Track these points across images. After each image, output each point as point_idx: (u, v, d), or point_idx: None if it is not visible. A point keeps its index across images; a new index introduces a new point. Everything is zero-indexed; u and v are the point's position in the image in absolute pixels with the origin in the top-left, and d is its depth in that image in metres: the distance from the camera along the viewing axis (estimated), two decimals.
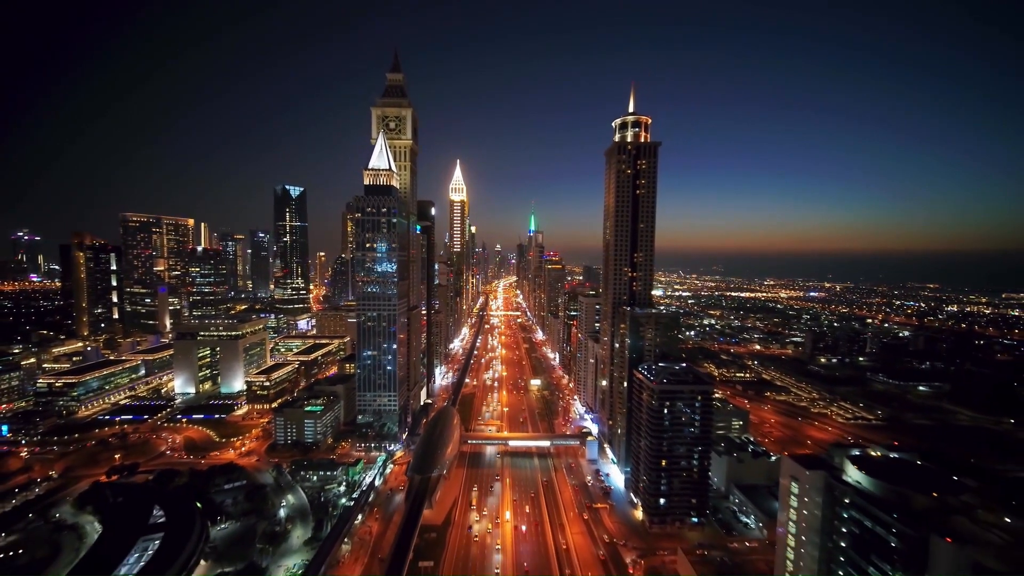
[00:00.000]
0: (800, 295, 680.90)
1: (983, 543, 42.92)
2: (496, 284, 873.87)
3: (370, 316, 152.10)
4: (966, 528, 44.70)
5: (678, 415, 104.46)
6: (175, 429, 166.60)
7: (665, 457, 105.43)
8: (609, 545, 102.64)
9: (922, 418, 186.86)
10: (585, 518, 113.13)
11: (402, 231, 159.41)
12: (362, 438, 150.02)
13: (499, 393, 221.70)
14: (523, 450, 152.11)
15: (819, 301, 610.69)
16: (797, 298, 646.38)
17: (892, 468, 53.39)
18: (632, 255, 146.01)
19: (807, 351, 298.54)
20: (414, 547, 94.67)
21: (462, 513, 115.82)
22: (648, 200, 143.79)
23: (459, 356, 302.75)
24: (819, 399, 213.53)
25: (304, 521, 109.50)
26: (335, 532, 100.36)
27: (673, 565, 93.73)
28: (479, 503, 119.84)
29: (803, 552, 55.69)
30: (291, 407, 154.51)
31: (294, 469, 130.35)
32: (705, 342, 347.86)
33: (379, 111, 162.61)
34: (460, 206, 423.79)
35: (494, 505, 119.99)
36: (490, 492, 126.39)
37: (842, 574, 50.46)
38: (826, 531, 52.59)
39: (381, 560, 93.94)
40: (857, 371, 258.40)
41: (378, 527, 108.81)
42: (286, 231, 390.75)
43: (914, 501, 47.60)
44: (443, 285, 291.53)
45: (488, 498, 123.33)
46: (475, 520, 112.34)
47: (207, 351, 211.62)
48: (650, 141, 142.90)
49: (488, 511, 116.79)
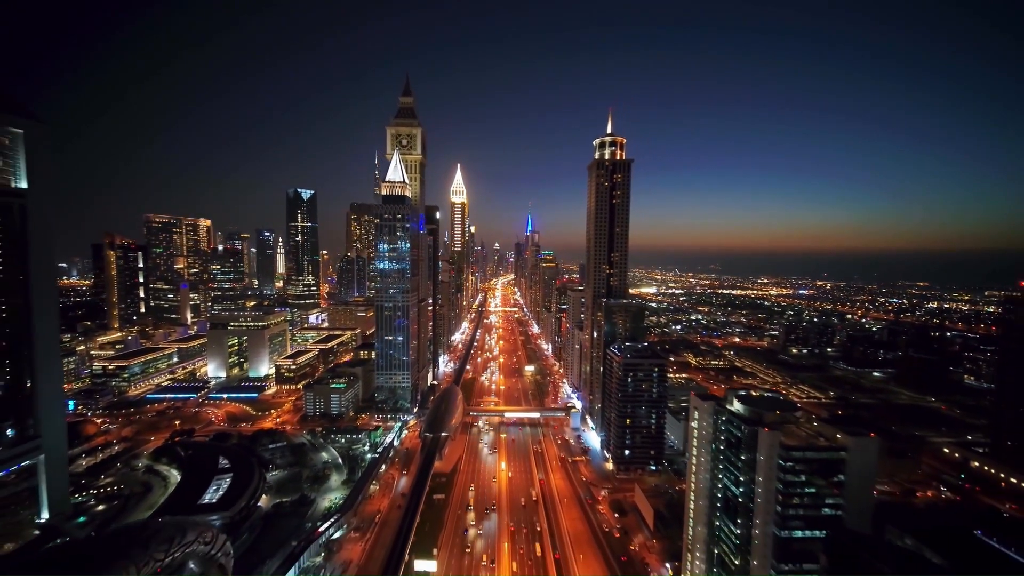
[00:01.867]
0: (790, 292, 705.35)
1: (789, 433, 68.65)
2: (494, 282, 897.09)
3: (387, 306, 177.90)
4: (790, 429, 70.50)
5: (639, 382, 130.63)
6: (216, 405, 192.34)
7: (629, 416, 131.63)
8: (584, 485, 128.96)
9: (866, 398, 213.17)
10: (566, 468, 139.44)
11: (413, 234, 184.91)
12: (379, 410, 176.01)
13: (497, 377, 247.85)
14: (517, 421, 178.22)
15: (806, 298, 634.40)
16: (786, 295, 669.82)
17: (758, 400, 78.98)
18: (610, 254, 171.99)
19: (780, 343, 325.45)
20: (428, 486, 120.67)
21: (466, 464, 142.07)
22: (623, 208, 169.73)
23: (460, 348, 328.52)
24: (781, 383, 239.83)
25: (339, 470, 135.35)
26: (365, 476, 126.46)
27: (632, 498, 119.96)
28: (480, 457, 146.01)
29: (701, 454, 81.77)
30: (319, 385, 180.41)
31: (324, 433, 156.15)
32: (689, 335, 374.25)
33: (393, 130, 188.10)
34: (460, 208, 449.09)
35: (492, 460, 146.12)
36: (489, 452, 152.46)
37: (720, 463, 76.61)
38: (713, 439, 78.59)
39: (404, 495, 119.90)
40: (822, 360, 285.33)
41: (398, 475, 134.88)
42: (297, 231, 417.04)
43: (764, 417, 73.30)
44: (445, 282, 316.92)
45: (487, 455, 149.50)
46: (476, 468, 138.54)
47: (236, 340, 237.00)
48: (624, 159, 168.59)
49: (487, 463, 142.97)
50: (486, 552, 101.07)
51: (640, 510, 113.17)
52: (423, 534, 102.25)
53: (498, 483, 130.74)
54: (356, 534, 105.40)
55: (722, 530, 76.23)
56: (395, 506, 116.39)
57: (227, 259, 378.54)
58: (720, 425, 76.90)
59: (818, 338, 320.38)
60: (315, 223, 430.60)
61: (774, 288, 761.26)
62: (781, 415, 73.82)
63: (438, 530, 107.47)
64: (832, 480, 65.40)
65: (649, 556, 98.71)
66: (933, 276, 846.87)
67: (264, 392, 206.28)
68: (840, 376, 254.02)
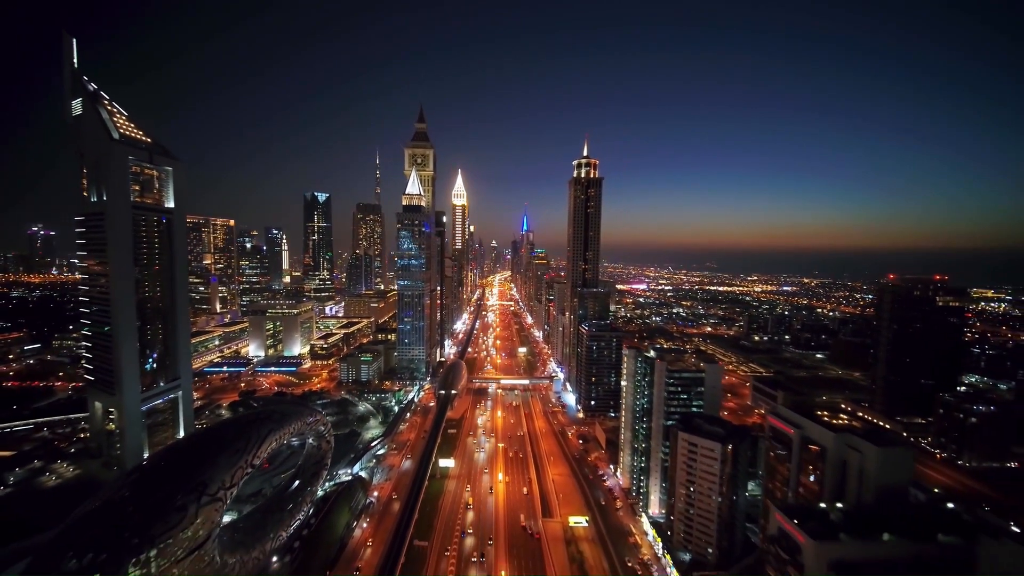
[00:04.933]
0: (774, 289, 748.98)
1: (674, 363, 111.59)
2: (492, 279, 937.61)
3: (407, 294, 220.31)
4: (674, 360, 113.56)
5: (601, 350, 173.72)
6: (264, 377, 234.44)
7: (594, 375, 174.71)
8: (560, 426, 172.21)
9: (800, 372, 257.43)
10: (547, 416, 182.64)
11: (427, 236, 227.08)
12: (400, 378, 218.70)
13: (494, 357, 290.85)
14: (510, 387, 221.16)
15: (787, 294, 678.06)
16: (770, 292, 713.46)
17: (661, 348, 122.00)
18: (585, 253, 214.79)
19: (744, 331, 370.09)
20: (444, 424, 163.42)
21: (470, 413, 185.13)
22: (595, 216, 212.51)
23: (462, 335, 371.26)
24: (736, 362, 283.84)
25: (375, 416, 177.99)
26: (396, 418, 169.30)
27: (593, 432, 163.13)
28: (481, 409, 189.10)
29: (630, 382, 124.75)
30: (351, 357, 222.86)
31: (358, 393, 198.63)
32: (667, 325, 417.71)
33: (410, 151, 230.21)
34: (461, 209, 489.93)
35: (491, 412, 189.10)
36: (489, 407, 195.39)
37: (637, 385, 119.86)
38: (634, 372, 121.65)
39: (426, 431, 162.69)
40: (775, 345, 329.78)
41: (420, 419, 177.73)
42: (314, 231, 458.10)
43: (664, 356, 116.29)
44: (448, 276, 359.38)
45: (488, 409, 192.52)
46: (479, 415, 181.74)
47: (271, 325, 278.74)
48: (596, 176, 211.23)
49: (487, 414, 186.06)
50: (489, 459, 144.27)
51: (597, 438, 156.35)
52: (443, 449, 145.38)
53: (496, 425, 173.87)
54: (395, 451, 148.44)
55: (638, 428, 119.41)
56: (420, 437, 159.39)
57: (254, 255, 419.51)
58: (639, 362, 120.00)
59: (776, 327, 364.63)
60: (329, 223, 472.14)
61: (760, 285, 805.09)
62: (673, 355, 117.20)
63: (453, 447, 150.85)
64: (695, 391, 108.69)
65: (600, 463, 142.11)
66: (922, 272, 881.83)
67: (301, 366, 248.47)
68: (787, 357, 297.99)
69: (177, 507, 62.71)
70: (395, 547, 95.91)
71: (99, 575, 53.99)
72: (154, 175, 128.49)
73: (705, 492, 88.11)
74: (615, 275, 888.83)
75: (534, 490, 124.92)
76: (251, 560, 78.05)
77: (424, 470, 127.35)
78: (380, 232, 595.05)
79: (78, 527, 59.44)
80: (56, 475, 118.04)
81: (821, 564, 50.50)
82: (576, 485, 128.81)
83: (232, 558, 72.66)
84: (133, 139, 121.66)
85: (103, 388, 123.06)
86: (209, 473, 68.43)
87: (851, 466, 63.01)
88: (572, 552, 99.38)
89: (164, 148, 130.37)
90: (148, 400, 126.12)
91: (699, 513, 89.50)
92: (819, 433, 68.99)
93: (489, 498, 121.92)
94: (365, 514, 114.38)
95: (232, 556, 73.23)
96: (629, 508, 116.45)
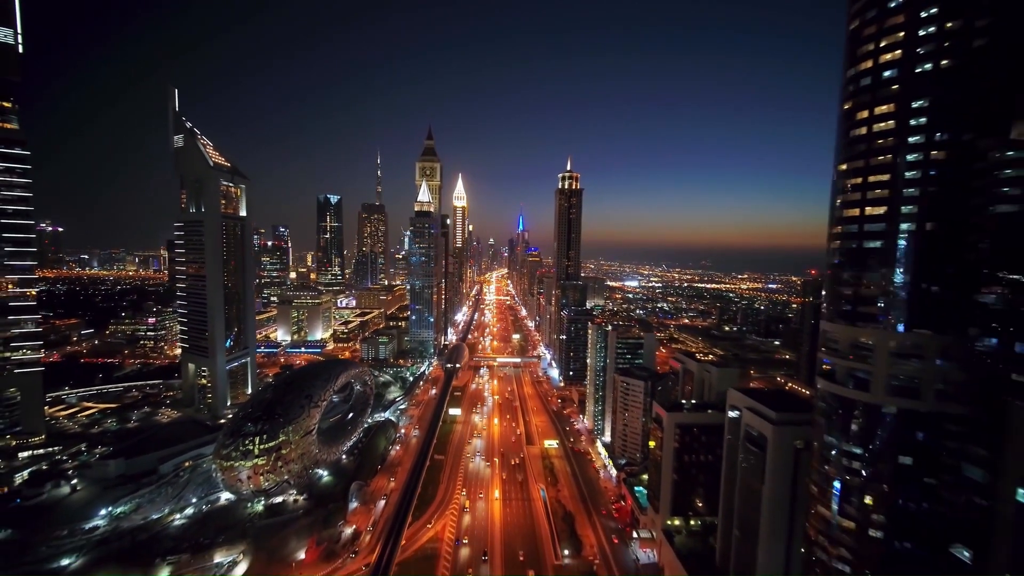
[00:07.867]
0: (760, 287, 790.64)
1: (624, 334, 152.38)
2: (489, 275, 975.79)
3: (418, 284, 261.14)
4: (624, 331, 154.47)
5: (577, 331, 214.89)
6: (295, 356, 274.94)
7: (572, 351, 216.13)
8: (544, 392, 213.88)
9: (754, 355, 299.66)
10: (534, 385, 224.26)
11: (434, 237, 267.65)
12: (411, 356, 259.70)
13: (491, 343, 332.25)
14: (504, 364, 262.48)
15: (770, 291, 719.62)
16: (755, 289, 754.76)
17: (617, 324, 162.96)
18: (568, 252, 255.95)
19: (716, 322, 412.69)
20: (451, 389, 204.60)
21: (472, 383, 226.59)
22: (577, 221, 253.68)
23: (461, 326, 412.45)
24: (703, 348, 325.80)
25: (395, 383, 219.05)
26: (413, 383, 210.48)
27: (570, 395, 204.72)
28: (481, 381, 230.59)
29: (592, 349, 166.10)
30: (370, 339, 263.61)
31: (378, 368, 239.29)
32: (649, 317, 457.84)
33: (420, 164, 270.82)
34: (461, 211, 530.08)
35: (490, 383, 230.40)
36: (487, 379, 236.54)
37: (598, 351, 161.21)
38: (595, 342, 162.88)
39: (437, 392, 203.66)
40: (740, 334, 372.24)
41: (430, 387, 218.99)
42: (326, 230, 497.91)
43: (617, 330, 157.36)
44: (450, 272, 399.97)
45: (486, 381, 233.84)
46: (479, 384, 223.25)
47: (296, 313, 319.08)
48: (577, 188, 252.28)
49: (485, 382, 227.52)
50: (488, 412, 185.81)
51: (572, 399, 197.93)
52: (451, 403, 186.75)
53: (493, 389, 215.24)
54: (414, 406, 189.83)
55: (598, 382, 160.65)
56: (433, 397, 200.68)
57: (275, 252, 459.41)
58: (599, 335, 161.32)
59: (744, 319, 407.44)
60: (340, 223, 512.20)
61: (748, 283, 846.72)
62: (623, 327, 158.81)
63: (459, 403, 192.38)
64: (637, 352, 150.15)
65: (573, 414, 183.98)
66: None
67: (325, 348, 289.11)
68: (749, 344, 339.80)
69: (299, 405, 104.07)
70: (420, 458, 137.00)
71: (264, 435, 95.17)
72: (233, 191, 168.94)
73: (635, 416, 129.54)
74: (610, 272, 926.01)
75: (521, 429, 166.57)
76: (331, 454, 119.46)
77: (438, 414, 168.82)
78: (384, 231, 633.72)
79: (249, 410, 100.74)
80: (166, 416, 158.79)
81: (671, 425, 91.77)
82: (553, 427, 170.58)
83: (322, 448, 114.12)
84: (221, 165, 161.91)
85: (197, 353, 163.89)
86: (313, 389, 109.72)
87: (706, 382, 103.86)
88: (546, 464, 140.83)
89: (239, 170, 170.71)
90: (228, 363, 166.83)
91: (631, 431, 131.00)
92: (691, 364, 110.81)
93: (487, 432, 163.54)
94: (397, 441, 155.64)
95: (322, 448, 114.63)
96: (591, 438, 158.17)
